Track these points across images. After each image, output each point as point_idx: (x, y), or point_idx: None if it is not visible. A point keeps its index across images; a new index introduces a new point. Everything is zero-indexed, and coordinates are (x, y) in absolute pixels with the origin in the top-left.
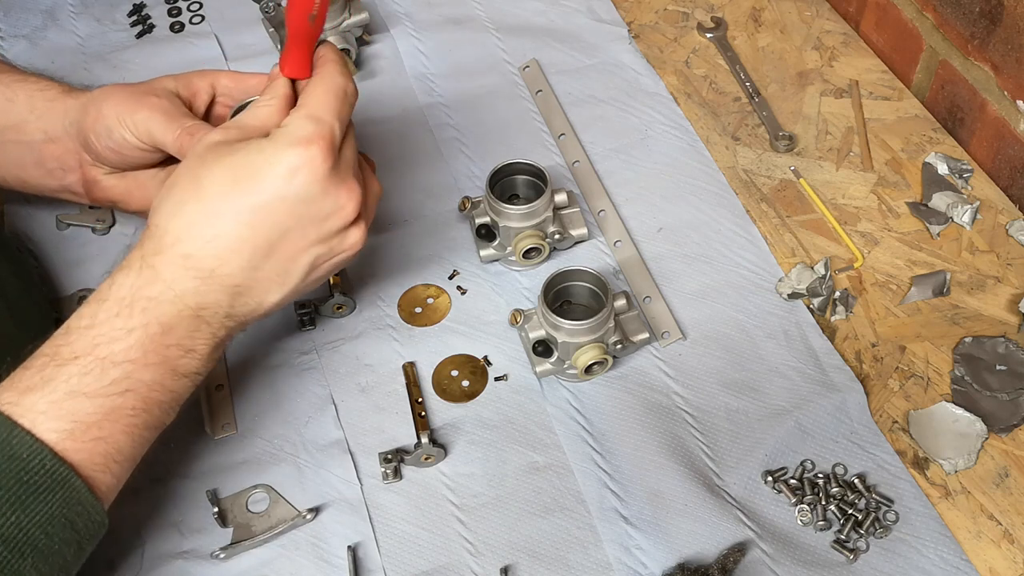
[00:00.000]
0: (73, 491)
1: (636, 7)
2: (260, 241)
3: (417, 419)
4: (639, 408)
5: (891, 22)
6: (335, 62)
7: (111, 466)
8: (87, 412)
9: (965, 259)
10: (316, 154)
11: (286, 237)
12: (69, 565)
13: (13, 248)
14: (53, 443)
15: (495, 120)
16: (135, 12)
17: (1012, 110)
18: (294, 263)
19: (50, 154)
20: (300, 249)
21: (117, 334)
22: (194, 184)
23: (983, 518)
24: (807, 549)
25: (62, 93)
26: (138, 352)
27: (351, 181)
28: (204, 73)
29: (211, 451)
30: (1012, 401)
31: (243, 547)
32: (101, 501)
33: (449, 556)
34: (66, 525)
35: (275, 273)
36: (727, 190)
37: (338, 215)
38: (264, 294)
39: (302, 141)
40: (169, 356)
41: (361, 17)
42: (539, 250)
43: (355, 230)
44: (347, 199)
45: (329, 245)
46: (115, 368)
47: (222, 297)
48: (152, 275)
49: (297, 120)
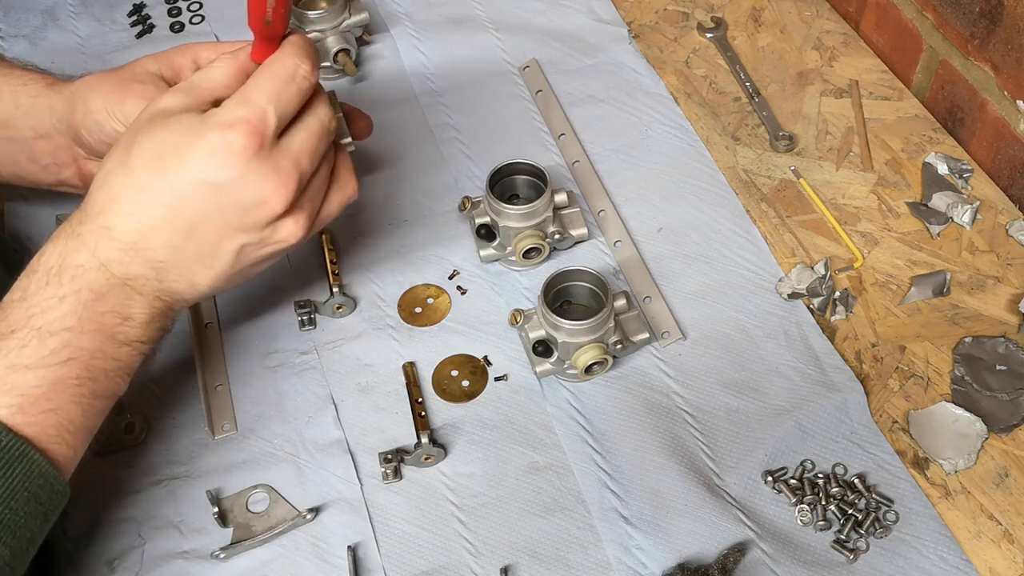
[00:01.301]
0: (32, 464)
1: (636, 7)
2: (179, 223)
3: (417, 419)
4: (639, 408)
5: (891, 22)
6: (292, 45)
7: (65, 437)
8: (32, 385)
9: (965, 259)
10: (237, 139)
11: (205, 221)
12: (36, 536)
13: (12, 248)
14: (4, 419)
15: (495, 120)
16: (135, 12)
17: (1012, 110)
18: (218, 248)
19: (42, 150)
20: (222, 235)
21: (50, 303)
22: (124, 156)
23: (983, 518)
24: (807, 549)
25: (45, 88)
26: (73, 320)
27: (285, 172)
28: (184, 49)
29: (211, 451)
30: (1012, 401)
31: (243, 547)
32: (61, 472)
33: (449, 556)
34: (29, 499)
35: (198, 256)
36: (727, 190)
37: (262, 207)
38: (191, 275)
39: (225, 124)
40: (105, 323)
41: (361, 17)
42: (539, 250)
43: (288, 223)
44: (272, 191)
45: (259, 235)
46: (52, 337)
47: (147, 271)
48: (78, 243)
49: (228, 102)
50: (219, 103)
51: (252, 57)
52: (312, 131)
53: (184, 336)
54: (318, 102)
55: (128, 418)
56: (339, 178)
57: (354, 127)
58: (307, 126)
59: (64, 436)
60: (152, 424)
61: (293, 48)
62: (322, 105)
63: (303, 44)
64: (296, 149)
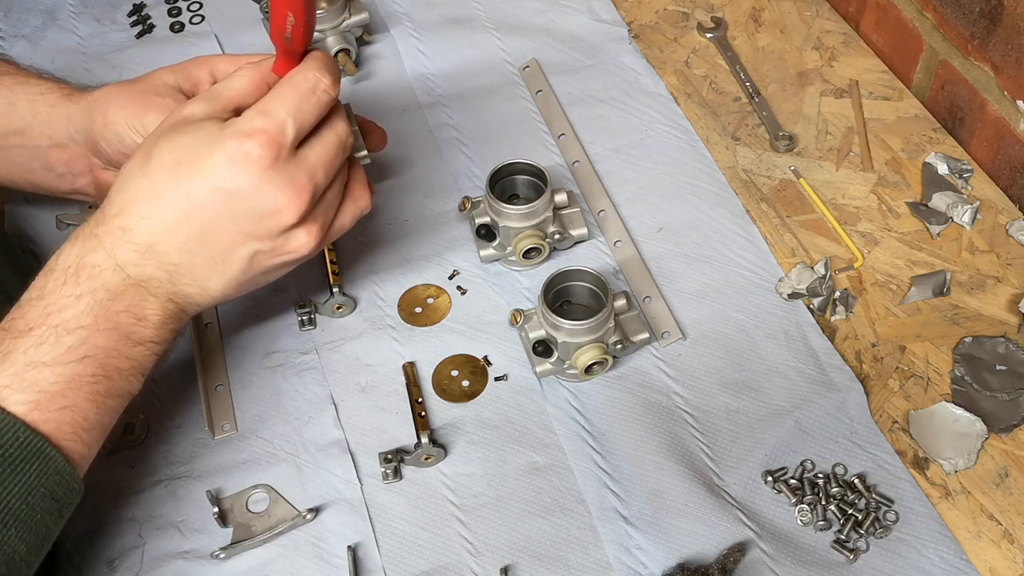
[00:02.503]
0: (49, 461)
1: (636, 7)
2: (193, 227)
3: (417, 419)
4: (639, 408)
5: (891, 22)
6: (314, 60)
7: (80, 434)
8: (49, 382)
9: (965, 259)
10: (254, 148)
11: (219, 227)
12: (51, 532)
13: (13, 247)
14: (22, 415)
15: (495, 120)
16: (135, 12)
17: (1012, 110)
18: (231, 254)
19: (57, 159)
20: (235, 242)
21: (67, 301)
22: (144, 160)
23: (983, 518)
24: (807, 549)
25: (62, 98)
26: (89, 318)
27: (300, 184)
28: (201, 61)
29: (211, 451)
30: (1012, 401)
31: (243, 547)
32: (76, 469)
33: (449, 556)
34: (46, 495)
35: (211, 260)
36: (727, 190)
37: (275, 216)
38: (204, 279)
39: (244, 133)
40: (120, 323)
41: (361, 17)
42: (539, 250)
43: (300, 233)
44: (287, 201)
45: (272, 244)
46: (69, 335)
47: (161, 273)
48: (95, 243)
49: (248, 112)
50: (240, 112)
51: (274, 70)
52: (329, 145)
53: (184, 336)
54: (336, 117)
55: (128, 418)
56: (353, 191)
57: (369, 140)
58: (324, 140)
59: (79, 433)
60: (152, 424)
61: (315, 63)
62: (340, 120)
63: (325, 60)
64: (312, 161)
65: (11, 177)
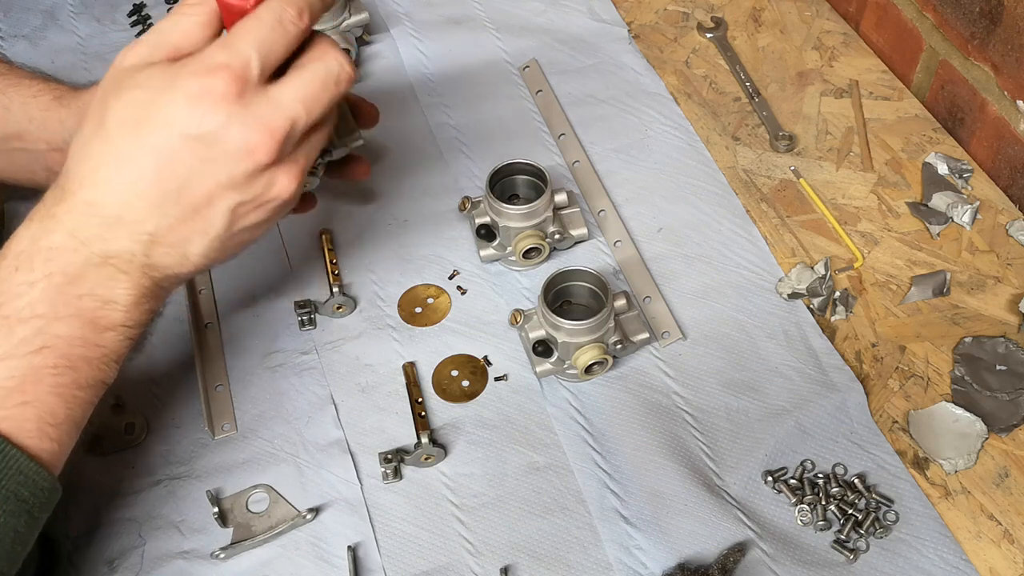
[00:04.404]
0: (11, 461)
1: (636, 7)
2: (167, 185)
3: (417, 419)
4: (639, 408)
5: (891, 22)
6: None
7: (47, 430)
8: (4, 377)
9: (965, 259)
10: (217, 84)
11: (193, 180)
12: (23, 535)
13: None
14: None
15: (495, 120)
16: (135, 12)
17: (1012, 110)
18: (211, 209)
19: (57, 162)
20: (212, 194)
21: (19, 290)
22: (98, 124)
23: (983, 518)
24: (807, 549)
25: (54, 102)
26: (45, 306)
27: (273, 120)
28: None
29: (211, 451)
30: (1012, 401)
31: (243, 547)
32: (46, 467)
33: (449, 556)
34: (9, 497)
35: (190, 220)
36: (727, 190)
37: (249, 156)
38: (184, 243)
39: (206, 70)
40: (84, 308)
41: (361, 17)
42: (539, 250)
43: (279, 176)
44: (259, 140)
45: (251, 192)
46: (22, 325)
47: (133, 245)
48: (52, 224)
49: (208, 48)
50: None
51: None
52: (311, 79)
53: (184, 336)
54: (325, 53)
55: (128, 418)
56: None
57: (361, 118)
58: (305, 73)
59: (45, 430)
60: (152, 424)
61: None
62: (330, 56)
63: None
64: (288, 96)
65: (14, 177)
